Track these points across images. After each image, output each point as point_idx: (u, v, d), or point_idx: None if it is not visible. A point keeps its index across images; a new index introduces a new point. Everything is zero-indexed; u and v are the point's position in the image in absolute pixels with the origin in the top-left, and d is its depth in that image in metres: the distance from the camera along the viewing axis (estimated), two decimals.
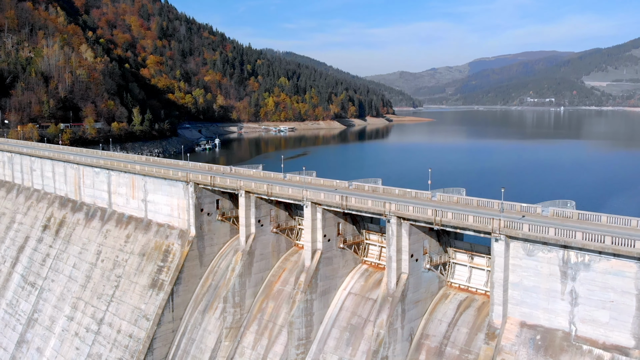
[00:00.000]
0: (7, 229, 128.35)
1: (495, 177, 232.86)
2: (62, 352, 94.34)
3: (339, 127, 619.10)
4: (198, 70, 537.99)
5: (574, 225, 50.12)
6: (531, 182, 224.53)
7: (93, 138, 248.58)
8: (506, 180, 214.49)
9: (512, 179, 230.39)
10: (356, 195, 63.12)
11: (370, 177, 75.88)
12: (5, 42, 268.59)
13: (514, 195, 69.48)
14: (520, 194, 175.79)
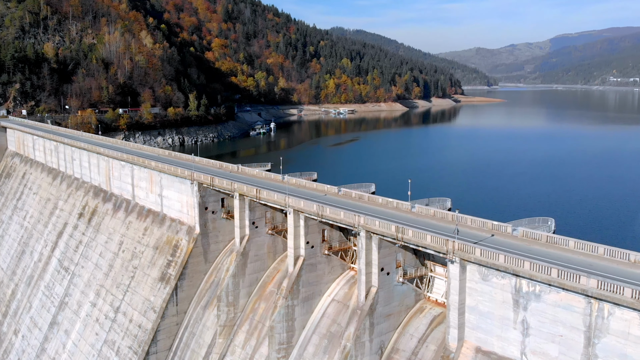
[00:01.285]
0: (51, 215, 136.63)
1: (550, 171, 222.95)
2: (84, 336, 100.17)
3: (401, 109, 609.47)
4: (261, 52, 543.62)
5: (540, 250, 47.85)
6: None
7: (149, 123, 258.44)
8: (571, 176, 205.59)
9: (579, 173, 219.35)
10: (332, 206, 62.56)
11: (414, 169, 75.11)
12: (70, 30, 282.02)
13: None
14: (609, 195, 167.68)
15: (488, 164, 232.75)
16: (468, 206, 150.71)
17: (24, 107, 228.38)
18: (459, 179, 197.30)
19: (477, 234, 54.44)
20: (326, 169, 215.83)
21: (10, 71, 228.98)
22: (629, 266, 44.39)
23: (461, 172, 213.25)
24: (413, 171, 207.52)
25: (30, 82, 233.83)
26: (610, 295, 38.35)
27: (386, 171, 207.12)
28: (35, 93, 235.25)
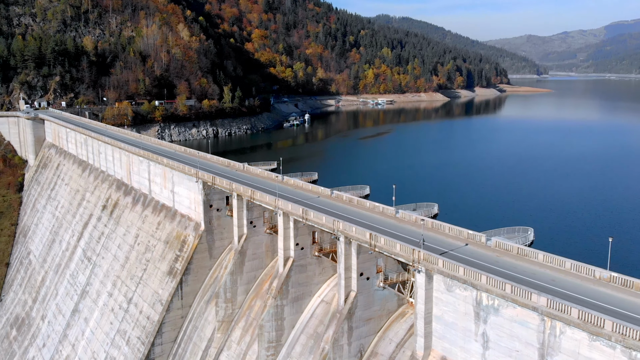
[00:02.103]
0: (78, 205, 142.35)
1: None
2: (100, 325, 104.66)
3: (442, 99, 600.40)
4: (301, 43, 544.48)
5: (508, 262, 47.63)
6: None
7: (184, 115, 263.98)
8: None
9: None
10: (317, 210, 63.47)
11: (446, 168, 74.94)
12: (110, 23, 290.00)
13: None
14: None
15: (519, 160, 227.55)
16: (480, 206, 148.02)
17: (64, 99, 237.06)
18: (482, 176, 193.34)
19: (452, 243, 54.45)
20: (345, 165, 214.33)
21: (50, 64, 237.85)
22: (593, 283, 43.79)
23: (487, 169, 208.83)
24: (437, 167, 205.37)
25: (69, 75, 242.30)
26: (558, 314, 38.13)
27: (409, 167, 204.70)
28: (75, 85, 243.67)
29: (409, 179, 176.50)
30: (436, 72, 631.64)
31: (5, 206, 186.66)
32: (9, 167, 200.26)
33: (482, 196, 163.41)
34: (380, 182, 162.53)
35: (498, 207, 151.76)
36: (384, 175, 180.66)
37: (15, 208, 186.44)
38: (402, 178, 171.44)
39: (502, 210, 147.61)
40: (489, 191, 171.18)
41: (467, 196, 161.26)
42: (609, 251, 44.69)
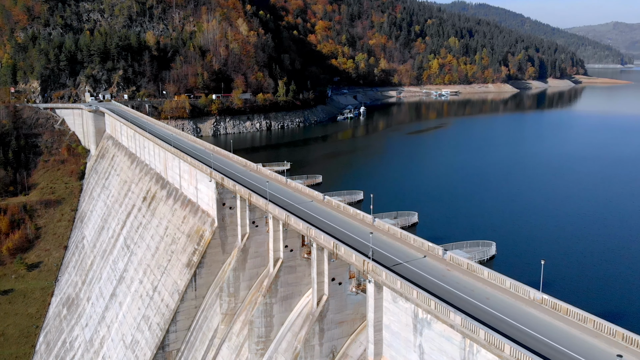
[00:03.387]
0: (125, 196, 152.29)
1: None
2: (131, 309, 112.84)
3: (510, 91, 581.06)
4: (364, 34, 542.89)
5: (455, 277, 49.17)
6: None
7: (239, 108, 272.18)
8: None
9: None
10: (302, 215, 66.71)
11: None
12: (173, 18, 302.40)
13: None
14: None
15: (570, 159, 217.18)
16: (489, 213, 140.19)
17: (126, 92, 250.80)
18: (523, 178, 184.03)
19: (412, 254, 56.26)
20: (368, 165, 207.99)
21: (114, 59, 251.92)
22: (525, 303, 44.71)
23: (531, 169, 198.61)
24: (480, 167, 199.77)
25: (132, 69, 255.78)
26: (469, 334, 39.74)
27: (435, 167, 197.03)
28: (137, 79, 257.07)
29: (427, 182, 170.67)
30: (506, 62, 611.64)
31: (67, 192, 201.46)
32: (73, 156, 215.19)
33: (492, 203, 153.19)
34: (392, 184, 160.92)
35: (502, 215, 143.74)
36: (399, 177, 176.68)
37: (76, 195, 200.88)
38: (421, 180, 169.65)
39: (506, 218, 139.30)
40: (504, 197, 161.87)
41: (477, 202, 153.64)
42: (541, 274, 45.34)
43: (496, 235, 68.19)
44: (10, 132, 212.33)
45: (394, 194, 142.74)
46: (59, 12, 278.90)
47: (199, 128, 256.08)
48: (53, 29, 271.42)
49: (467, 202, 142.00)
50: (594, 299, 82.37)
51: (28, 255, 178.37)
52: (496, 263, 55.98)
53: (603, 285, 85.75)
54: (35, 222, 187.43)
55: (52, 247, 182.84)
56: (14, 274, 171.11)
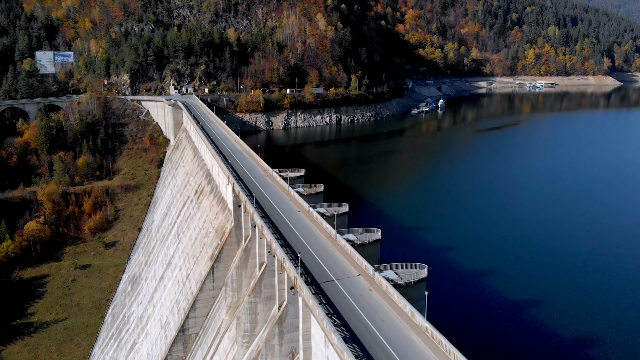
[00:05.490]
0: (184, 187, 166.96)
1: None
2: (170, 292, 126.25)
3: (612, 84, 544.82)
4: (457, 22, 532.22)
5: (372, 299, 54.93)
6: None
7: (310, 102, 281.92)
8: None
9: None
10: (269, 228, 74.35)
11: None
12: (257, 13, 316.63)
13: None
14: None
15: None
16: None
17: (207, 86, 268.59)
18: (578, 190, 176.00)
19: (348, 272, 62.11)
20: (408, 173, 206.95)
21: (197, 54, 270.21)
22: (414, 329, 49.54)
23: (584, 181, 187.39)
24: (520, 179, 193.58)
25: (213, 64, 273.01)
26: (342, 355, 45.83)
27: (480, 175, 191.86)
28: (217, 73, 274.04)
29: (431, 195, 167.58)
30: (611, 52, 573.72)
31: (146, 179, 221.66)
32: (154, 145, 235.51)
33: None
34: (394, 197, 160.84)
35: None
36: (410, 189, 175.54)
37: (153, 181, 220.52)
38: (428, 194, 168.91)
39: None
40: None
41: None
42: (425, 304, 50.01)
43: (430, 259, 72.27)
44: (100, 121, 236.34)
45: (379, 208, 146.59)
46: (152, 9, 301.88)
47: (271, 121, 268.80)
48: (145, 25, 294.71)
49: (457, 222, 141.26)
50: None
51: (106, 234, 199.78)
52: (421, 286, 60.50)
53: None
54: (115, 205, 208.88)
55: (127, 228, 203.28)
56: (93, 251, 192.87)
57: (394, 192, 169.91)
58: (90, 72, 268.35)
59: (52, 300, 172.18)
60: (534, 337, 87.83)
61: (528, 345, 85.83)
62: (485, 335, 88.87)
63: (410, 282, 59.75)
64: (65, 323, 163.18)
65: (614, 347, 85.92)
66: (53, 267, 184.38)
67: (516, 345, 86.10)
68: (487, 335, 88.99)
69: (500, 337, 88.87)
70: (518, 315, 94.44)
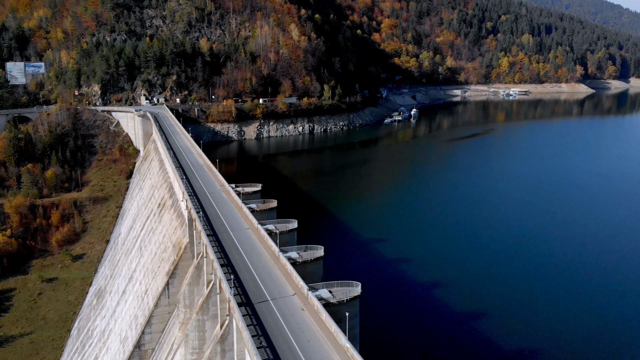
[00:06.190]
0: (149, 199, 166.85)
1: None
2: (129, 306, 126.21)
3: (585, 91, 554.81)
4: (432, 31, 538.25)
5: (292, 318, 56.12)
6: None
7: (283, 112, 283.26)
8: None
9: None
10: (213, 246, 75.21)
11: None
12: (230, 23, 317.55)
13: None
14: None
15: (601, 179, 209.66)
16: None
17: (179, 96, 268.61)
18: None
19: (286, 291, 63.32)
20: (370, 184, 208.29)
21: (169, 64, 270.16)
22: (337, 349, 50.91)
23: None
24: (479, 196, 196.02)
25: (185, 74, 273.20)
26: None
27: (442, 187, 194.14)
28: (189, 83, 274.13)
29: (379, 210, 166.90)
30: (584, 60, 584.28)
31: (115, 190, 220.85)
32: (124, 156, 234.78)
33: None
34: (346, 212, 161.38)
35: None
36: (363, 202, 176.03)
37: (122, 193, 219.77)
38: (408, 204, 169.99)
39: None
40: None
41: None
42: (346, 324, 51.28)
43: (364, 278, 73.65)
44: (70, 132, 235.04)
45: (335, 222, 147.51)
46: (124, 19, 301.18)
47: (243, 131, 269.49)
48: (118, 35, 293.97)
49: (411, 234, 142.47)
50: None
51: (74, 247, 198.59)
52: (355, 304, 61.85)
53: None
54: (83, 217, 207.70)
55: (95, 240, 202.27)
56: (60, 264, 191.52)
57: (354, 205, 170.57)
58: (61, 83, 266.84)
59: (18, 313, 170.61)
60: (473, 351, 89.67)
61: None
62: (420, 350, 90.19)
63: (343, 300, 61.05)
64: (31, 337, 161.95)
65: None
66: (19, 280, 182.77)
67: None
68: (422, 350, 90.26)
69: (435, 350, 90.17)
70: (458, 330, 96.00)
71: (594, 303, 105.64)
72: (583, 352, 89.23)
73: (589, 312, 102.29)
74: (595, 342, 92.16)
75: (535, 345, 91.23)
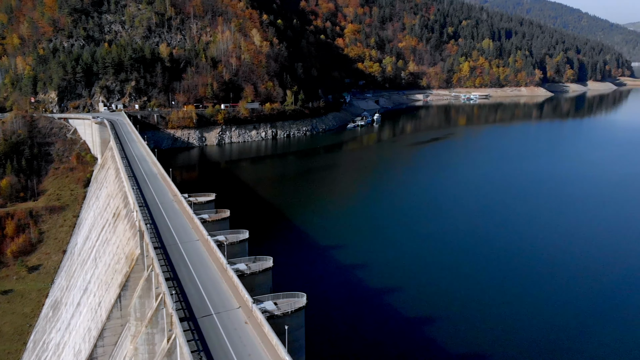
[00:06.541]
0: (105, 209, 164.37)
1: None
2: (83, 319, 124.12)
3: (544, 95, 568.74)
4: (394, 36, 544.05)
5: (242, 330, 56.30)
6: None
7: (245, 118, 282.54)
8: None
9: None
10: (159, 260, 74.81)
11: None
12: (191, 28, 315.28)
13: None
14: None
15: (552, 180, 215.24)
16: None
17: (137, 102, 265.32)
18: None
19: (230, 304, 63.47)
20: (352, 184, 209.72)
21: (128, 70, 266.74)
22: None
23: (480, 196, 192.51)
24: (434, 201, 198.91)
25: (144, 80, 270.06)
26: None
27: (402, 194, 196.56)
28: (148, 89, 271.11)
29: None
30: (543, 64, 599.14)
31: (72, 199, 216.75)
32: (82, 164, 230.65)
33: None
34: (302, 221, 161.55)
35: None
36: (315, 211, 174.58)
37: (79, 202, 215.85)
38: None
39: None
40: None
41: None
42: (285, 337, 51.76)
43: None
44: (26, 140, 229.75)
45: (289, 231, 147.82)
46: (82, 24, 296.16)
47: (204, 137, 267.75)
48: (76, 40, 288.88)
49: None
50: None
51: (30, 258, 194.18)
52: (300, 315, 62.37)
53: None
54: (39, 227, 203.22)
55: (52, 251, 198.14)
56: (15, 275, 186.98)
57: (314, 212, 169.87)
58: (17, 90, 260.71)
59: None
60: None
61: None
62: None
63: (288, 311, 61.49)
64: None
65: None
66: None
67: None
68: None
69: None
70: (409, 339, 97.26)
71: (547, 302, 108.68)
72: (535, 352, 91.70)
73: (542, 311, 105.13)
74: (545, 341, 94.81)
75: (486, 350, 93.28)
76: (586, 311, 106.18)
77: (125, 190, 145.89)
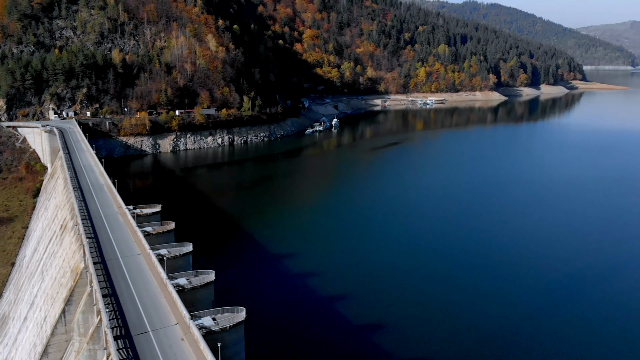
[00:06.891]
0: (53, 221, 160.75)
1: None
2: (29, 334, 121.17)
3: (498, 99, 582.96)
4: (352, 42, 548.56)
5: (180, 349, 56.18)
6: None
7: (201, 124, 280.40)
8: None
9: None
10: (98, 276, 73.98)
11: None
12: (145, 34, 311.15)
13: None
14: None
15: (511, 185, 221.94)
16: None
17: (89, 110, 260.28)
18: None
19: (168, 320, 63.82)
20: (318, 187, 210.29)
21: (79, 77, 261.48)
22: None
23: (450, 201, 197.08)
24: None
25: (96, 87, 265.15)
26: None
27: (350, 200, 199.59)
28: (100, 96, 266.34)
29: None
30: (497, 69, 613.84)
31: (20, 210, 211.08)
32: (31, 174, 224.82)
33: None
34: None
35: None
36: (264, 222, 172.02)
37: (29, 212, 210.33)
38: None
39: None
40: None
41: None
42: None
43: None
44: None
45: (235, 243, 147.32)
46: (32, 30, 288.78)
47: (158, 144, 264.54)
48: (25, 47, 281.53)
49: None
50: None
51: None
52: (239, 329, 62.70)
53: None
54: None
55: (0, 263, 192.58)
56: None
57: (265, 221, 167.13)
58: None
59: None
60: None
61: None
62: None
63: (226, 327, 61.78)
64: None
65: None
66: None
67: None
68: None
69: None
70: (358, 348, 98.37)
71: (504, 302, 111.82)
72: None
73: (502, 313, 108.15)
74: (493, 336, 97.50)
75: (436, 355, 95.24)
76: (530, 306, 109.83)
77: (73, 201, 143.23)
